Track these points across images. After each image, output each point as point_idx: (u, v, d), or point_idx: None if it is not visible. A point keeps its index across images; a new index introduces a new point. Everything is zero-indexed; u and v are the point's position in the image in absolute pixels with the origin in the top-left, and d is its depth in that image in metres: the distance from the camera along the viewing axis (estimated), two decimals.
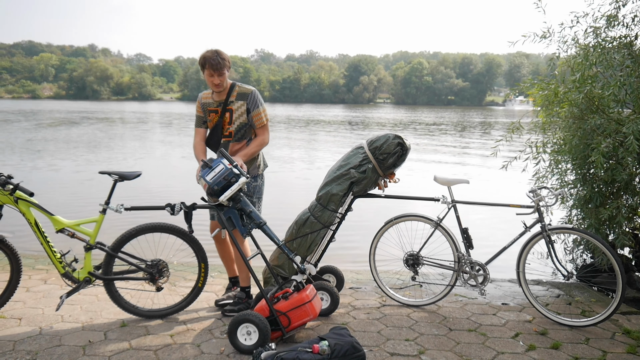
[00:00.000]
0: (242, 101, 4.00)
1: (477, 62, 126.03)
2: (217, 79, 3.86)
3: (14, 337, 3.52)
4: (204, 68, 3.88)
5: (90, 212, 3.85)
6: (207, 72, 3.86)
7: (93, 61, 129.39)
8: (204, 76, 3.91)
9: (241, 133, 4.06)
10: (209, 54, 3.87)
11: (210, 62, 3.82)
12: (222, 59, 3.85)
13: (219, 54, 3.87)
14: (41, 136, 24.04)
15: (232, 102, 4.01)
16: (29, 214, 3.62)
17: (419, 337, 3.64)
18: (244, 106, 4.01)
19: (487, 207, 4.34)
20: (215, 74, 3.85)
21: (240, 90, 4.02)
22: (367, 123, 41.30)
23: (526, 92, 5.05)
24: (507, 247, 4.03)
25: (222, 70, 3.85)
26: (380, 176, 4.12)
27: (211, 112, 4.05)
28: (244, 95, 4.01)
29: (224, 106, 4.00)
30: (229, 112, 4.00)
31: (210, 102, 4.06)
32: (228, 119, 4.01)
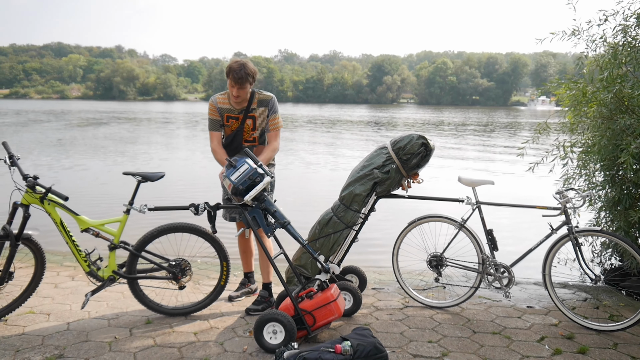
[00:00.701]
0: (263, 107, 4.07)
1: (502, 62, 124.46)
2: (236, 92, 3.89)
3: (42, 331, 3.59)
4: (228, 76, 3.90)
5: (115, 212, 3.91)
6: (229, 82, 3.89)
7: (120, 62, 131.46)
8: (227, 83, 3.95)
9: (263, 138, 4.15)
10: (235, 65, 3.86)
11: (234, 75, 3.83)
12: (247, 73, 3.84)
13: (244, 67, 3.85)
14: (70, 136, 24.54)
15: (255, 109, 4.05)
16: (55, 214, 3.69)
17: (442, 339, 3.61)
18: (265, 112, 4.08)
19: (513, 209, 4.26)
20: (236, 87, 3.87)
21: (260, 97, 4.07)
22: (390, 123, 41.13)
23: (553, 92, 4.96)
24: (532, 249, 3.96)
25: (243, 85, 3.86)
26: (403, 177, 4.09)
27: (231, 118, 4.07)
28: (265, 102, 4.08)
29: (245, 113, 4.04)
30: (251, 119, 4.05)
31: (228, 107, 4.07)
32: (251, 126, 4.06)
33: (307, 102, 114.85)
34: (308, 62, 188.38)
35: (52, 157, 16.33)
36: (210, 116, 4.13)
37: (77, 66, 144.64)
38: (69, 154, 17.27)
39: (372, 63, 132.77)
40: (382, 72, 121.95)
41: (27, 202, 3.65)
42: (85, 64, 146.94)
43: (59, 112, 50.93)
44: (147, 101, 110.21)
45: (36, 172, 3.79)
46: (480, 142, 24.52)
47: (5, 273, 3.67)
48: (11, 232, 3.60)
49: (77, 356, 3.24)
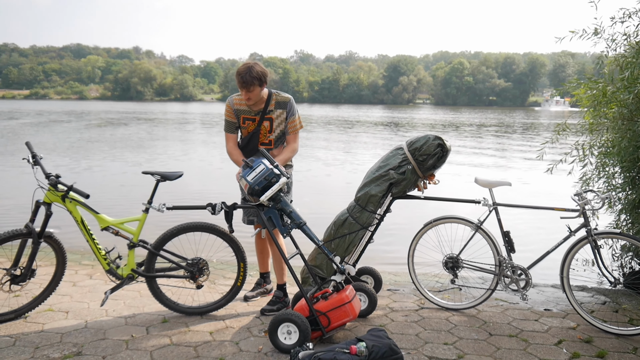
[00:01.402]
0: (281, 109, 4.04)
1: (520, 62, 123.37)
2: (245, 94, 3.87)
3: (61, 329, 3.65)
4: (236, 80, 3.86)
5: (134, 211, 3.95)
6: (238, 85, 3.86)
7: (137, 63, 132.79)
8: None
9: (281, 140, 4.13)
10: (242, 68, 3.83)
11: (239, 78, 3.80)
12: (252, 76, 3.76)
13: (250, 69, 3.78)
14: (90, 136, 24.85)
15: (272, 111, 4.02)
16: (76, 212, 3.74)
17: (458, 341, 3.59)
18: (283, 114, 4.05)
19: (530, 210, 4.23)
20: (244, 90, 3.84)
21: (278, 98, 4.04)
22: (406, 124, 40.97)
23: (572, 93, 4.90)
24: (550, 252, 3.92)
25: (249, 87, 3.80)
26: (419, 177, 4.08)
27: (247, 119, 4.05)
28: (283, 104, 4.04)
29: (262, 115, 4.01)
30: (268, 120, 4.02)
31: (245, 109, 4.04)
32: (268, 128, 4.03)
33: (322, 103, 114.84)
34: (324, 62, 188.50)
35: (73, 156, 16.55)
36: (227, 117, 4.12)
37: (95, 67, 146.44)
38: (89, 153, 17.49)
39: (388, 63, 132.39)
40: (398, 72, 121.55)
41: (49, 201, 3.70)
42: (104, 65, 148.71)
43: (80, 112, 51.64)
44: (164, 102, 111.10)
45: (58, 171, 3.85)
46: (497, 143, 24.32)
47: (28, 270, 3.73)
48: (34, 230, 3.66)
49: (94, 354, 3.28)
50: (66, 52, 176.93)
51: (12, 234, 3.59)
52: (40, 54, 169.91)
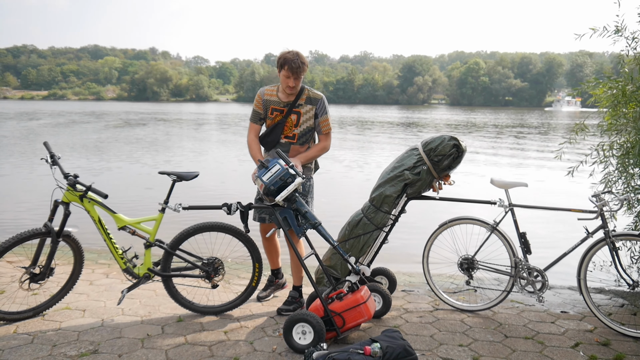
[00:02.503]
0: (310, 105, 4.00)
1: (536, 62, 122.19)
2: (292, 82, 3.82)
3: (78, 327, 3.69)
4: (282, 68, 3.82)
5: (150, 211, 3.99)
6: (285, 73, 3.80)
7: (153, 64, 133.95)
8: (280, 75, 3.86)
9: (306, 137, 4.07)
10: (290, 55, 3.79)
11: (291, 64, 3.76)
12: (303, 62, 3.79)
13: (299, 57, 3.79)
14: (108, 137, 25.11)
15: (301, 105, 3.98)
16: (93, 212, 3.79)
17: (473, 342, 3.56)
18: (312, 111, 4.00)
19: (547, 212, 4.19)
20: (292, 77, 3.80)
21: (309, 94, 4.00)
22: (421, 124, 40.81)
23: (590, 92, 4.83)
24: (567, 253, 3.88)
25: (300, 74, 3.80)
26: (434, 178, 4.06)
27: (275, 110, 4.00)
28: (314, 100, 4.00)
29: (290, 107, 3.97)
30: (296, 114, 3.98)
31: (275, 100, 4.00)
32: (295, 121, 3.99)
33: (337, 103, 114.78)
34: (338, 63, 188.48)
35: (91, 156, 16.75)
36: (255, 107, 4.09)
37: (112, 68, 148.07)
38: (107, 154, 17.68)
39: (403, 64, 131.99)
40: (413, 72, 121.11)
41: (68, 200, 3.75)
42: (121, 65, 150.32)
43: (100, 113, 52.23)
44: (180, 102, 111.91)
45: (76, 171, 3.90)
46: (513, 144, 24.12)
47: (47, 269, 3.78)
48: (52, 229, 3.70)
49: (111, 352, 3.31)
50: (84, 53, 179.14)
51: (31, 233, 3.64)
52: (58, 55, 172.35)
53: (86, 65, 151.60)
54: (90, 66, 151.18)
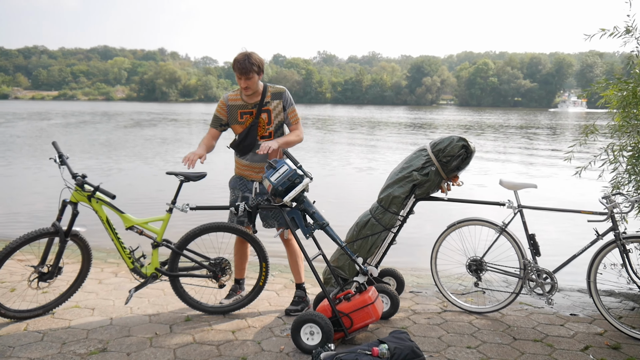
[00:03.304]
0: (277, 100, 4.03)
1: (546, 62, 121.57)
2: (244, 83, 3.86)
3: (87, 325, 3.71)
4: (235, 71, 3.87)
5: (158, 211, 4.00)
6: (236, 74, 3.86)
7: (162, 64, 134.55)
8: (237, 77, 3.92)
9: (280, 132, 4.10)
10: (239, 57, 3.84)
11: (238, 66, 3.81)
12: (251, 63, 3.80)
13: (248, 57, 3.81)
14: (117, 137, 25.25)
15: (269, 103, 4.01)
16: (101, 212, 3.80)
17: (481, 345, 3.54)
18: (280, 104, 4.03)
19: (556, 213, 4.15)
20: (243, 77, 3.83)
21: (273, 90, 4.04)
22: (430, 125, 40.70)
23: (601, 94, 4.79)
24: (577, 255, 3.85)
25: (249, 74, 3.81)
26: (443, 179, 4.04)
27: (244, 114, 4.01)
28: (279, 95, 4.04)
29: (259, 107, 3.99)
30: (266, 112, 4.00)
31: (241, 104, 4.02)
32: (266, 120, 4.00)
33: (345, 104, 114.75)
34: (347, 63, 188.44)
35: (100, 156, 16.84)
36: (216, 112, 4.09)
37: (122, 68, 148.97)
38: (116, 153, 17.77)
39: (412, 64, 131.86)
40: (422, 73, 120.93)
41: (76, 200, 3.77)
42: (130, 66, 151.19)
43: (112, 113, 52.54)
44: (189, 102, 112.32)
45: (84, 171, 3.92)
46: (522, 144, 24.00)
47: (55, 268, 3.80)
48: (61, 229, 3.73)
49: (119, 350, 3.33)
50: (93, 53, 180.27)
51: (40, 233, 3.67)
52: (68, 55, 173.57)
53: (96, 66, 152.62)
54: (100, 67, 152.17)
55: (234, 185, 4.14)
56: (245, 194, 4.03)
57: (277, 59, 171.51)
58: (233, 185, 4.15)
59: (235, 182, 4.14)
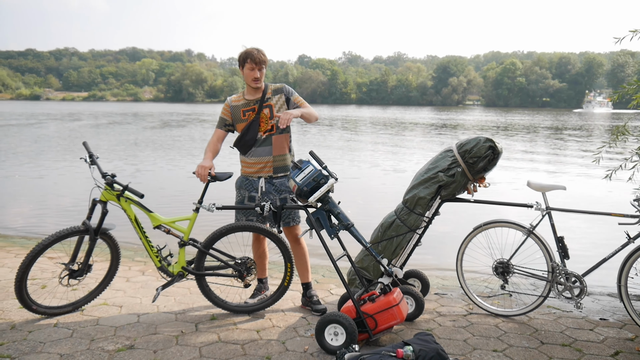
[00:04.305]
0: (278, 95, 4.11)
1: (575, 62, 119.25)
2: (257, 73, 3.98)
3: (115, 323, 3.78)
4: (244, 62, 3.99)
5: (185, 210, 4.05)
6: (249, 65, 3.96)
7: (189, 65, 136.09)
8: (243, 72, 4.03)
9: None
10: (251, 50, 4.00)
11: (253, 56, 3.95)
12: (263, 55, 4.01)
13: (259, 50, 4.01)
14: (146, 137, 25.64)
15: (270, 99, 4.09)
16: (130, 211, 3.87)
17: (508, 348, 3.50)
18: (282, 97, 4.10)
19: (585, 216, 4.08)
20: (257, 67, 3.96)
21: (273, 87, 4.13)
22: (456, 126, 40.30)
23: (634, 96, 4.68)
24: (607, 259, 3.77)
25: (262, 65, 3.98)
26: (469, 180, 4.00)
27: (246, 111, 4.09)
28: (279, 90, 4.13)
29: (260, 103, 4.06)
30: (267, 107, 4.06)
31: (243, 103, 4.10)
32: (269, 114, 4.06)
33: (370, 104, 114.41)
34: (372, 64, 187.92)
35: (129, 156, 17.13)
36: (222, 114, 4.19)
37: (149, 70, 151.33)
38: (144, 154, 18.05)
39: (437, 64, 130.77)
40: (448, 73, 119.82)
41: (105, 199, 3.84)
42: (157, 67, 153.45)
43: (144, 114, 53.36)
44: (215, 103, 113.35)
45: (114, 171, 3.99)
46: (550, 145, 23.59)
47: (85, 265, 3.88)
48: (91, 227, 3.80)
49: (146, 348, 3.38)
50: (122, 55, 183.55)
51: (70, 231, 3.75)
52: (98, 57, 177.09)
53: (124, 67, 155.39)
54: (128, 68, 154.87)
55: (239, 185, 4.19)
56: (252, 193, 4.05)
57: (302, 60, 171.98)
58: (239, 185, 4.19)
59: (241, 182, 4.18)
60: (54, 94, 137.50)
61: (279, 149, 4.05)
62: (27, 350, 3.29)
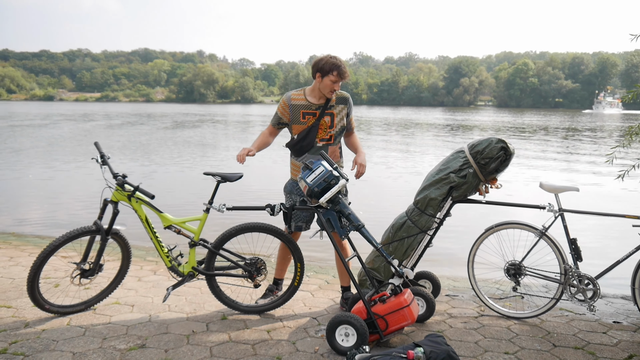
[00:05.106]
0: (342, 105, 4.03)
1: (589, 62, 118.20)
2: (338, 86, 3.90)
3: (127, 322, 3.80)
4: (329, 72, 3.82)
5: (195, 211, 4.07)
6: (332, 77, 3.82)
7: (201, 66, 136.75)
8: (323, 79, 3.86)
9: (340, 137, 4.10)
10: (338, 62, 3.84)
11: (341, 70, 3.82)
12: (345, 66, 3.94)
13: (343, 63, 3.91)
14: (159, 138, 25.80)
15: (333, 107, 4.00)
16: (141, 211, 3.89)
17: (520, 351, 3.47)
18: (344, 110, 4.03)
19: (599, 217, 4.03)
20: (340, 81, 3.87)
21: (338, 94, 4.02)
22: (468, 126, 40.10)
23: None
24: (621, 261, 3.73)
25: (346, 76, 3.89)
26: (481, 181, 3.98)
27: (307, 114, 3.99)
28: (344, 100, 4.04)
29: (323, 109, 3.98)
30: (329, 115, 3.99)
31: (305, 104, 3.99)
32: (329, 123, 3.99)
33: (381, 105, 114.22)
34: (383, 64, 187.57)
35: (140, 157, 17.24)
36: (278, 112, 4.07)
37: (161, 70, 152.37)
38: (155, 154, 18.16)
39: (449, 65, 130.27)
40: (459, 74, 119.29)
41: (116, 199, 3.87)
42: (169, 68, 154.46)
43: (159, 115, 53.72)
44: (226, 104, 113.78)
45: (125, 171, 4.01)
46: (563, 146, 23.39)
47: (96, 265, 3.91)
48: (102, 227, 3.83)
49: (157, 347, 3.40)
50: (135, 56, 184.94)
51: (82, 231, 3.78)
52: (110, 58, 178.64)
53: (137, 68, 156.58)
54: (141, 69, 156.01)
55: (290, 189, 4.10)
56: (304, 197, 4.01)
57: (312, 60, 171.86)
58: (289, 190, 4.11)
59: (292, 187, 4.09)
60: (67, 94, 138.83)
61: (332, 157, 4.03)
62: (41, 348, 3.32)
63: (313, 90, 3.98)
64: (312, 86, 3.99)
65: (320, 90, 3.93)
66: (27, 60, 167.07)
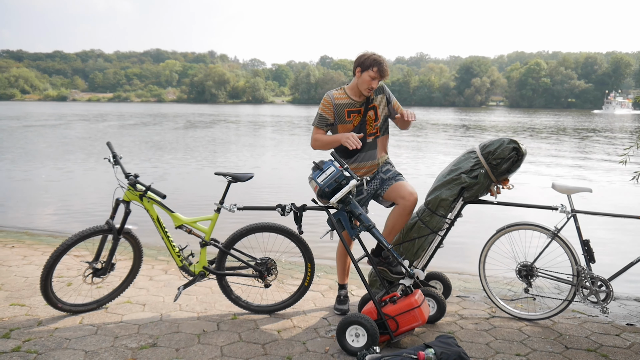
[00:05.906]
0: (381, 95, 3.98)
1: (602, 62, 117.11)
2: (377, 83, 3.83)
3: (138, 321, 3.82)
4: (369, 68, 3.77)
5: (206, 211, 4.08)
6: (372, 73, 3.77)
7: (212, 67, 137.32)
8: (362, 74, 3.80)
9: (385, 126, 4.05)
10: (380, 59, 3.80)
11: (382, 67, 3.77)
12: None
13: (384, 60, 3.85)
14: (169, 138, 25.94)
15: (374, 99, 3.95)
16: (152, 211, 3.92)
17: (531, 352, 3.44)
18: (384, 99, 3.99)
19: (612, 219, 3.99)
20: (379, 79, 3.82)
21: None
22: (479, 127, 39.89)
23: None
24: (634, 263, 3.69)
25: (386, 74, 3.83)
26: (492, 182, 3.95)
27: (352, 112, 3.92)
28: (380, 89, 3.98)
29: (366, 105, 3.93)
30: (372, 109, 3.94)
31: (348, 102, 3.91)
32: (373, 117, 3.94)
33: None
34: (394, 64, 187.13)
35: (152, 157, 17.34)
36: (322, 112, 3.92)
37: (173, 71, 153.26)
38: (167, 154, 18.26)
39: (460, 65, 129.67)
40: (471, 74, 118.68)
41: (128, 199, 3.89)
42: (181, 68, 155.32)
43: (173, 116, 54.05)
44: (237, 104, 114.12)
45: (137, 171, 4.04)
46: (575, 147, 23.19)
47: (108, 264, 3.94)
48: (114, 226, 3.86)
49: (168, 346, 3.41)
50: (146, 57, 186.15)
51: (94, 230, 3.81)
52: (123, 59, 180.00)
53: (148, 69, 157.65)
54: (152, 69, 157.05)
55: None
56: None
57: (324, 61, 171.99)
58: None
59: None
60: (80, 95, 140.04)
61: (381, 150, 4.00)
62: (53, 346, 3.35)
63: (353, 88, 3.93)
64: (352, 83, 3.95)
65: (358, 87, 3.88)
66: (41, 61, 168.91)
